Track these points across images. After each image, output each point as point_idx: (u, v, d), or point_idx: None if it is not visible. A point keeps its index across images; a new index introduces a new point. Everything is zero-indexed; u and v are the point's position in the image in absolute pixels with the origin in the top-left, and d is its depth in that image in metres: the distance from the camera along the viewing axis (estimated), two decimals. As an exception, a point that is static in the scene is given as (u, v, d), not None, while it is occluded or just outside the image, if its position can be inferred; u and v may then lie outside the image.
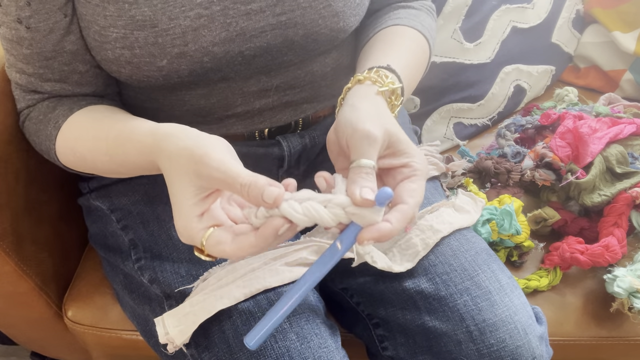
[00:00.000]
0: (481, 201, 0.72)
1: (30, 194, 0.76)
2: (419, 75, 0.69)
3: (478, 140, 1.07)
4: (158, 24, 0.58)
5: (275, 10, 0.61)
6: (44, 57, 0.62)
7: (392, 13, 0.73)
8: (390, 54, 0.64)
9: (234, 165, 0.46)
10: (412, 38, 0.69)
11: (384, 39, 0.68)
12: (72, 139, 0.61)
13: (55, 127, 0.62)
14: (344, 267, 0.67)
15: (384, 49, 0.65)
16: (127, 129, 0.56)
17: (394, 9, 0.74)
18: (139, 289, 0.67)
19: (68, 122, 0.62)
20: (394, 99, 0.57)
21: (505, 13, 1.07)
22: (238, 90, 0.66)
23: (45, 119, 0.64)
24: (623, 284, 0.72)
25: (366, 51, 0.67)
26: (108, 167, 0.60)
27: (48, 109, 0.64)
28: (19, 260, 0.73)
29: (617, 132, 0.83)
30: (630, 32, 1.09)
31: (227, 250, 0.46)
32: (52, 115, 0.63)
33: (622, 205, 0.78)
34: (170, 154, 0.49)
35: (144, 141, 0.52)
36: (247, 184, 0.45)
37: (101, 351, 0.82)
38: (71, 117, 0.62)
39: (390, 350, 0.65)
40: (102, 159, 0.59)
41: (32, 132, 0.66)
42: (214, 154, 0.46)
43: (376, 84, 0.56)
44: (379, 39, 0.68)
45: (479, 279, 0.62)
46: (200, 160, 0.46)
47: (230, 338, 0.58)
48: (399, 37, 0.68)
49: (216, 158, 0.46)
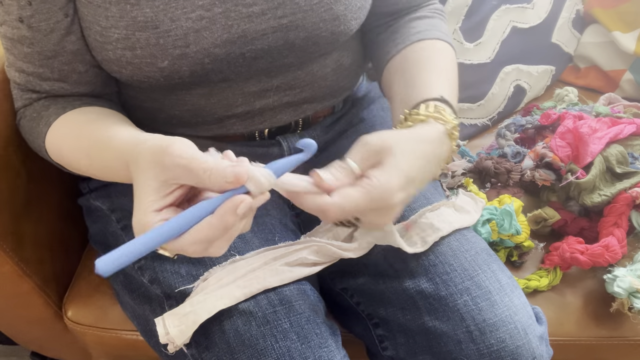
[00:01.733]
0: (481, 201, 0.72)
1: (30, 194, 0.76)
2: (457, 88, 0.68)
3: (478, 140, 1.07)
4: (160, 25, 0.58)
5: (277, 13, 0.61)
6: (45, 56, 0.62)
7: (410, 25, 0.71)
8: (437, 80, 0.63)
9: (199, 153, 0.45)
10: (444, 53, 0.68)
11: (419, 59, 0.67)
12: (60, 137, 0.62)
13: (46, 124, 0.62)
14: (344, 267, 0.67)
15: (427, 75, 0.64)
16: (107, 135, 0.55)
17: (409, 20, 0.72)
18: (139, 289, 0.67)
19: (58, 120, 0.62)
20: (455, 131, 0.57)
21: (505, 13, 1.07)
22: (238, 90, 0.66)
23: (39, 116, 0.64)
24: (623, 284, 0.72)
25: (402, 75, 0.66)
26: (89, 171, 0.60)
27: (43, 107, 0.64)
28: (19, 260, 0.73)
29: (617, 132, 0.83)
30: (630, 32, 1.09)
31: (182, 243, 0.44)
32: (46, 114, 0.63)
33: (622, 205, 0.78)
34: (138, 153, 0.47)
35: (121, 148, 0.52)
36: (210, 168, 0.43)
37: (101, 351, 0.82)
38: (62, 116, 0.62)
39: (390, 350, 0.65)
40: (84, 162, 0.59)
41: (27, 130, 0.66)
42: (179, 143, 0.45)
43: (445, 124, 0.56)
44: (412, 60, 0.67)
45: (479, 279, 0.62)
46: (165, 150, 0.45)
47: (230, 338, 0.58)
48: (433, 54, 0.67)
49: (181, 147, 0.45)
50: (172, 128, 0.70)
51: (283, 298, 0.60)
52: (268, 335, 0.57)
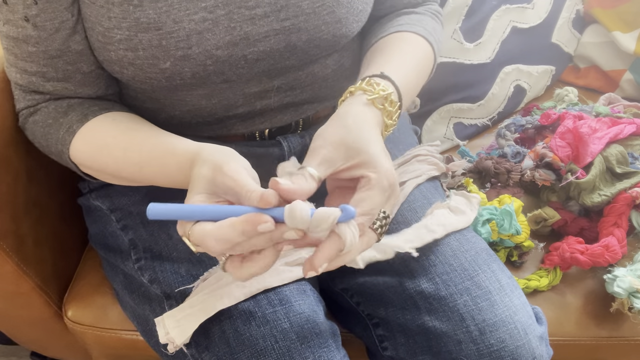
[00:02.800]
0: (476, 197, 0.72)
1: (30, 194, 0.76)
2: (423, 78, 0.69)
3: (478, 140, 1.07)
4: (162, 27, 0.58)
5: (280, 15, 0.61)
6: (49, 56, 0.62)
7: (395, 20, 0.73)
8: (389, 61, 0.64)
9: (246, 178, 0.48)
10: (412, 43, 0.69)
11: (382, 47, 0.68)
12: (95, 146, 0.62)
13: (69, 132, 0.62)
14: (344, 267, 0.67)
15: (382, 58, 0.65)
16: (165, 143, 0.58)
17: (397, 15, 0.74)
18: (139, 289, 0.67)
19: (87, 128, 0.62)
20: (388, 105, 0.56)
21: (505, 13, 1.07)
22: (239, 91, 0.66)
23: (56, 123, 0.64)
24: (623, 284, 0.72)
25: (365, 62, 0.68)
26: (133, 177, 0.60)
27: (58, 113, 0.64)
28: (19, 260, 0.73)
29: (617, 132, 0.83)
30: (630, 32, 1.09)
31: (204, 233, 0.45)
32: (65, 120, 0.63)
33: (622, 205, 0.78)
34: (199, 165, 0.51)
35: (187, 157, 0.54)
36: (252, 190, 0.46)
37: (101, 351, 0.82)
38: (88, 123, 0.62)
39: (390, 350, 0.65)
40: (130, 170, 0.60)
41: (39, 135, 0.66)
42: (233, 164, 0.49)
43: (366, 94, 0.56)
44: (378, 48, 0.68)
45: (479, 279, 0.62)
46: (219, 168, 0.48)
47: (230, 338, 0.58)
48: (398, 43, 0.68)
49: (233, 168, 0.48)
50: (173, 128, 0.70)
51: (283, 298, 0.60)
52: (268, 335, 0.57)
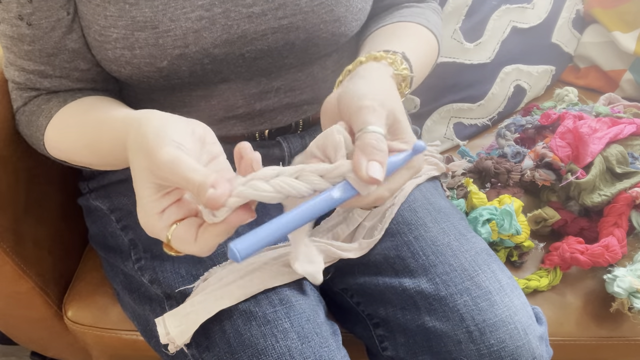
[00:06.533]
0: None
1: (30, 194, 0.76)
2: (427, 69, 0.69)
3: (478, 140, 1.07)
4: (159, 25, 0.58)
5: (277, 13, 0.61)
6: (46, 54, 0.62)
7: (396, 12, 0.73)
8: (401, 43, 0.62)
9: (186, 166, 0.41)
10: (418, 32, 0.68)
11: (388, 32, 0.67)
12: (60, 129, 0.61)
13: (47, 117, 0.61)
14: (344, 267, 0.67)
15: (393, 40, 0.64)
16: (104, 116, 0.54)
17: (398, 8, 0.74)
18: (139, 289, 0.67)
19: (59, 113, 0.61)
20: (404, 87, 0.56)
21: (505, 13, 1.07)
22: (239, 92, 0.66)
23: (39, 110, 0.63)
24: (623, 284, 0.72)
25: (371, 40, 0.66)
26: (91, 160, 0.59)
27: (43, 101, 0.64)
28: (19, 260, 0.73)
29: (617, 132, 0.83)
30: (630, 32, 1.09)
31: (192, 250, 0.43)
32: (46, 107, 0.63)
33: (622, 205, 0.78)
34: (130, 145, 0.45)
35: (116, 127, 0.50)
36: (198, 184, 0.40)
37: (101, 351, 0.82)
38: (63, 108, 0.61)
39: (390, 350, 0.65)
40: (85, 152, 0.58)
41: (24, 124, 0.65)
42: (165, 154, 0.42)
43: (392, 66, 0.55)
44: (383, 32, 0.68)
45: (479, 279, 0.62)
46: (152, 160, 0.42)
47: (231, 338, 0.58)
48: (405, 30, 0.68)
49: (166, 159, 0.42)
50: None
51: (283, 298, 0.60)
52: (268, 335, 0.57)
